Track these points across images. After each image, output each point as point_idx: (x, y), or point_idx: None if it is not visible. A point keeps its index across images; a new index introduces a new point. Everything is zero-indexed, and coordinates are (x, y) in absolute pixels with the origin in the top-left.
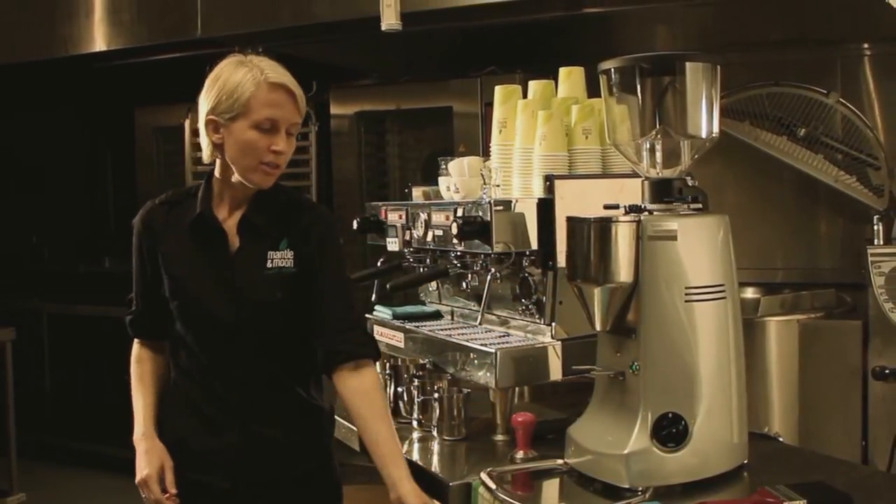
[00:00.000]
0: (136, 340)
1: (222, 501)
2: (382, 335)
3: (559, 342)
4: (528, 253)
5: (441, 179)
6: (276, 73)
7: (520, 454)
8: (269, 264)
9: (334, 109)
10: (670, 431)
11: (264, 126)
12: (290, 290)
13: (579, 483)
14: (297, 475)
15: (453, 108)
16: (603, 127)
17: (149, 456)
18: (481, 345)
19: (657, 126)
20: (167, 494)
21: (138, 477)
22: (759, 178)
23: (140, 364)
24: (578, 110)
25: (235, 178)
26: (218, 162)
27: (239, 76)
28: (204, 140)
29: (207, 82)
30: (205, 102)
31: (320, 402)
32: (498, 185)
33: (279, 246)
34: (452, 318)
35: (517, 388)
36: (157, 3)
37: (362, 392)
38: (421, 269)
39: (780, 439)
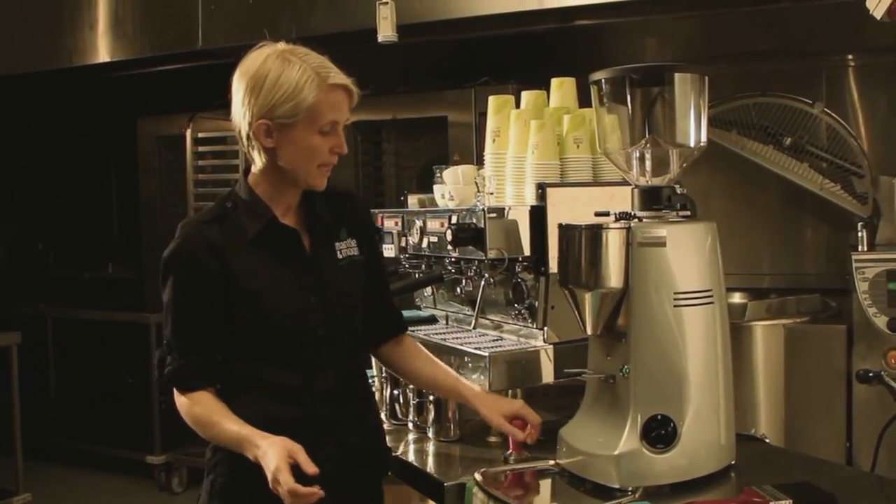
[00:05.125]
0: (180, 394)
1: None
2: None
3: (551, 346)
4: (520, 259)
5: (436, 187)
6: (332, 71)
7: (513, 455)
8: (339, 255)
9: None
10: (659, 433)
11: (326, 129)
12: (364, 277)
13: (571, 483)
14: (376, 481)
15: (448, 117)
16: (594, 136)
17: (273, 449)
18: (475, 348)
19: (647, 135)
20: (308, 480)
21: (270, 477)
22: (746, 185)
23: (201, 402)
24: (570, 120)
25: (286, 181)
26: (263, 166)
27: (294, 76)
28: (254, 145)
29: (248, 81)
30: (251, 105)
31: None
32: (491, 193)
33: (340, 236)
34: (447, 323)
35: (510, 391)
36: (160, 15)
37: (413, 352)
38: (416, 275)
39: (767, 441)
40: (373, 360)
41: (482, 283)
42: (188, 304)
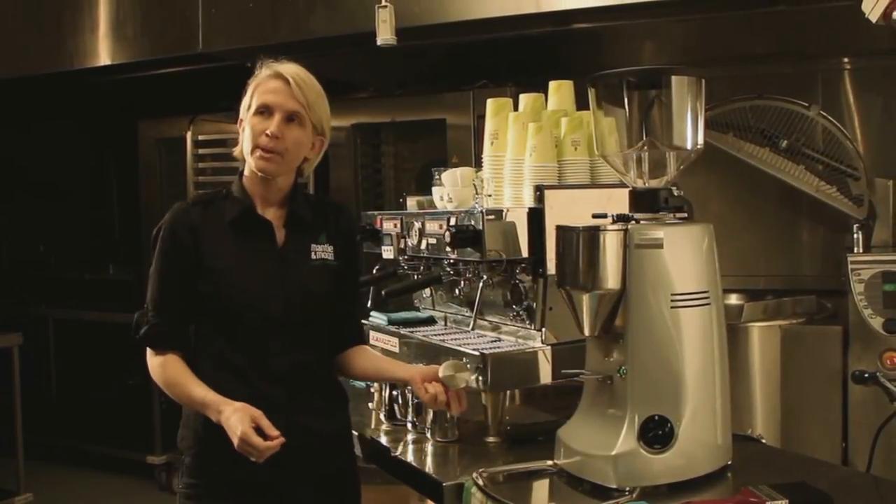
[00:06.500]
0: (154, 353)
1: (264, 498)
2: (378, 340)
3: (549, 347)
4: (518, 260)
5: (435, 189)
6: (282, 66)
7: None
8: (313, 256)
9: (331, 121)
10: (656, 433)
11: (261, 111)
12: (333, 282)
13: (569, 483)
14: (332, 469)
15: (447, 120)
16: (591, 138)
17: (237, 415)
18: (473, 349)
19: (644, 138)
20: (271, 440)
21: (235, 441)
22: (742, 188)
23: (172, 365)
24: (567, 122)
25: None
26: (247, 160)
27: (253, 80)
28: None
29: None
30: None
31: (346, 393)
32: (490, 195)
33: (319, 240)
34: (446, 324)
35: (508, 391)
36: (160, 18)
37: (366, 355)
38: (415, 277)
39: (763, 441)
40: None
41: (480, 284)
42: (166, 275)
